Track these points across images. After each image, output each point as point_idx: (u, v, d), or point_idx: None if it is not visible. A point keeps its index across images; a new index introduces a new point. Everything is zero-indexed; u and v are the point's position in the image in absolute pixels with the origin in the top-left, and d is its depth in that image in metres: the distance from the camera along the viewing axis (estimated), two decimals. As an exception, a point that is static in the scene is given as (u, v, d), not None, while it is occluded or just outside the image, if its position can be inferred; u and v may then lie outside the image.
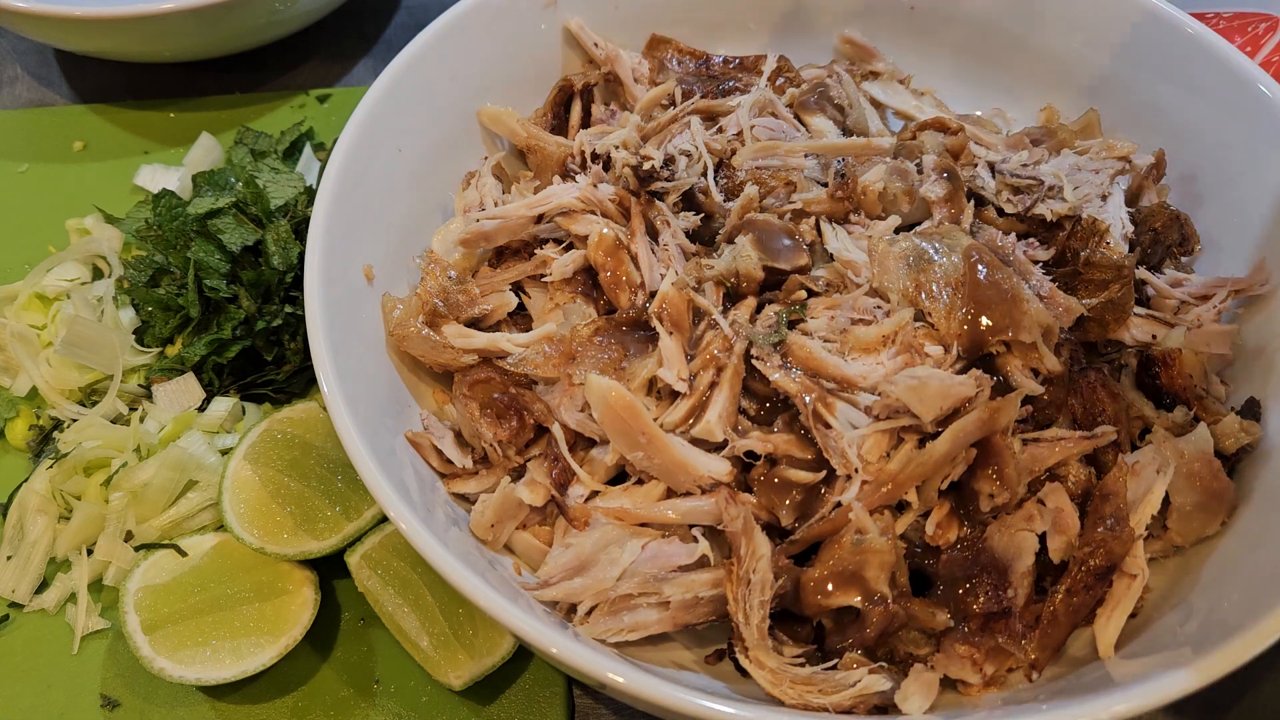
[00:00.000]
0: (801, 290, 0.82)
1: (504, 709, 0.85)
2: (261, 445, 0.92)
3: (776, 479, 0.76)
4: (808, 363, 0.77)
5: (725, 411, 0.77)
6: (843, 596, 0.71)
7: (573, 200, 0.87)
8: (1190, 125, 0.99)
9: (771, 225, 0.85)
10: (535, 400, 0.82)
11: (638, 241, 0.85)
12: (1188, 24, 0.99)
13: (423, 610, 0.86)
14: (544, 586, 0.75)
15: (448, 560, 0.66)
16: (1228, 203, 0.96)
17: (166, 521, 0.92)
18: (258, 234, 1.03)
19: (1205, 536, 0.79)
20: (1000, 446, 0.73)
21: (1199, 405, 0.82)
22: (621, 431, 0.77)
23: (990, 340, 0.77)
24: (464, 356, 0.82)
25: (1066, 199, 0.91)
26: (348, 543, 0.88)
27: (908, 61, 1.14)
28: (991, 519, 0.75)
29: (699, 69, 1.09)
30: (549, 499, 0.80)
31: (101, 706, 0.86)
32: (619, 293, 0.83)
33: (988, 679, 0.73)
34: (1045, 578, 0.76)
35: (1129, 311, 0.86)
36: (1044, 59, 1.09)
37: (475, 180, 0.99)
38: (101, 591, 0.92)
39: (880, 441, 0.74)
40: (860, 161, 0.92)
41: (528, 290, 0.89)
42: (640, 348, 0.82)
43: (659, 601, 0.75)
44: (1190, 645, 0.67)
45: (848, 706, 0.69)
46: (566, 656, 0.64)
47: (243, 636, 0.85)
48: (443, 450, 0.82)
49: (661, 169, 0.88)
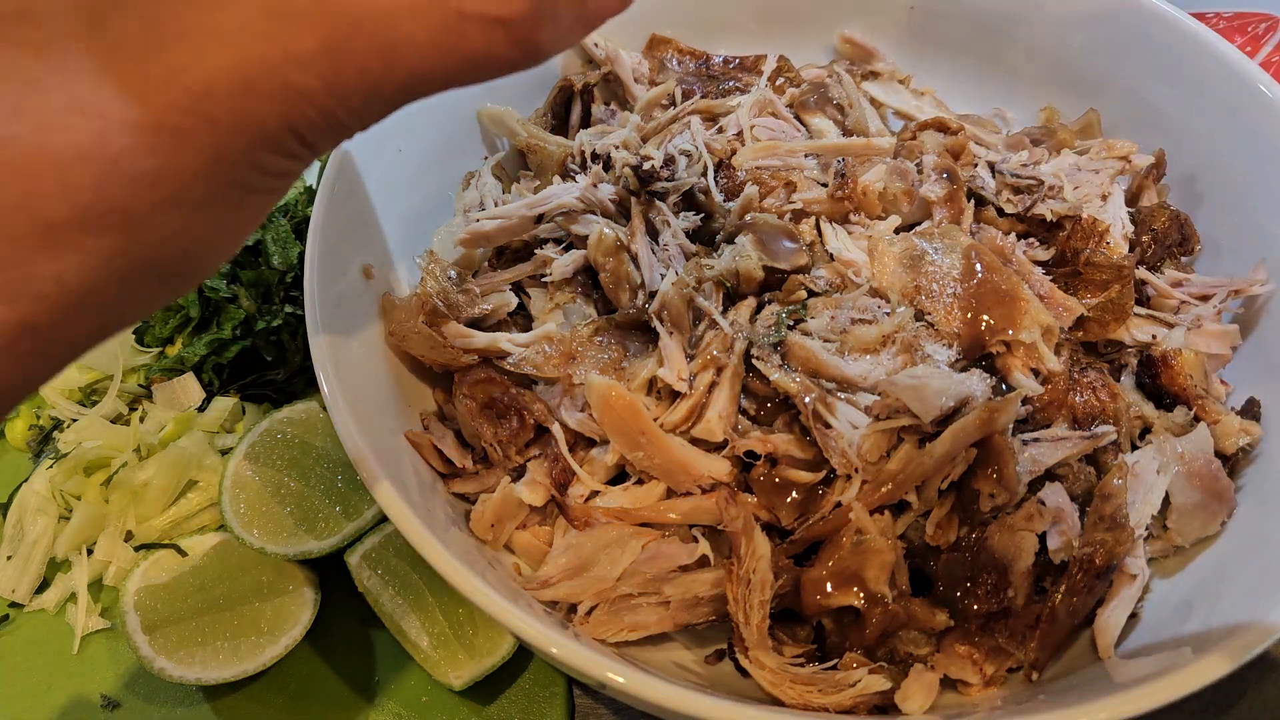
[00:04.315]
0: (801, 290, 0.82)
1: (504, 709, 0.85)
2: (261, 445, 0.92)
3: (776, 479, 0.76)
4: (808, 363, 0.77)
5: (725, 411, 0.77)
6: (843, 596, 0.71)
7: (573, 200, 0.87)
8: (1190, 125, 0.99)
9: (771, 225, 0.85)
10: (535, 400, 0.82)
11: (638, 241, 0.85)
12: (1188, 24, 0.98)
13: (423, 610, 0.86)
14: (544, 586, 0.75)
15: (448, 560, 0.66)
16: (1228, 203, 0.96)
17: (166, 521, 0.92)
18: (257, 233, 1.03)
19: (1205, 536, 0.79)
20: (1000, 446, 0.73)
21: (1199, 405, 0.82)
22: (621, 431, 0.77)
23: (990, 340, 0.77)
24: (464, 356, 0.82)
25: (1066, 199, 0.91)
26: (348, 543, 0.88)
27: (908, 61, 1.14)
28: (991, 519, 0.75)
29: (699, 69, 1.09)
30: (549, 499, 0.80)
31: (101, 706, 0.86)
32: (619, 293, 0.83)
33: (988, 679, 0.73)
34: (1045, 578, 0.76)
35: (1129, 311, 0.86)
36: (1044, 59, 1.09)
37: (475, 180, 0.99)
38: (101, 591, 0.92)
39: (880, 441, 0.74)
40: (860, 161, 0.92)
41: (528, 290, 0.89)
42: (640, 348, 0.82)
43: (659, 601, 0.75)
44: (1190, 645, 0.67)
45: (848, 706, 0.69)
46: (566, 656, 0.64)
47: (243, 636, 0.85)
48: (443, 450, 0.82)
49: (661, 169, 0.88)
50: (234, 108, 0.38)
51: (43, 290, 0.37)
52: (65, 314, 0.38)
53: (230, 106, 0.38)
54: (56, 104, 0.36)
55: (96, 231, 0.37)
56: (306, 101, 0.39)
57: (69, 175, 0.36)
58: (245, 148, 0.39)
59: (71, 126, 0.36)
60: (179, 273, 0.42)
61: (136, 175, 0.37)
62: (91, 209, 0.36)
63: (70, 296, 0.37)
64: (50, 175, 0.36)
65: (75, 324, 0.39)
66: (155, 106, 0.37)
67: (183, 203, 0.38)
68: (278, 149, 0.40)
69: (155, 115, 0.37)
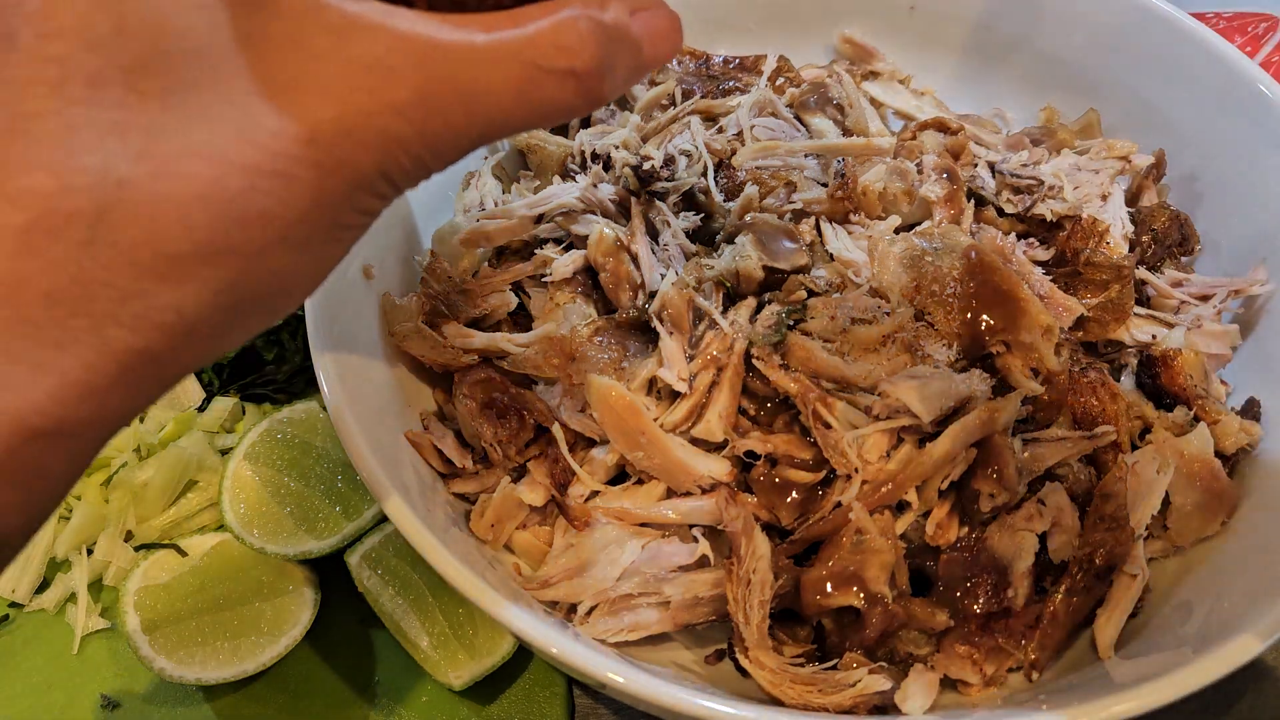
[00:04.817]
0: (801, 290, 0.82)
1: (504, 709, 0.85)
2: (261, 445, 0.92)
3: (776, 479, 0.76)
4: (808, 363, 0.77)
5: (725, 411, 0.77)
6: (842, 596, 0.71)
7: (573, 200, 0.87)
8: (1190, 125, 0.99)
9: (771, 225, 0.85)
10: (535, 400, 0.82)
11: (638, 241, 0.85)
12: (1188, 24, 0.99)
13: (423, 610, 0.86)
14: (544, 586, 0.76)
15: (448, 560, 0.66)
16: (1228, 203, 0.96)
17: (166, 521, 0.92)
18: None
19: (1205, 536, 0.79)
20: (1000, 446, 0.73)
21: (1199, 405, 0.82)
22: (621, 431, 0.77)
23: (990, 340, 0.77)
24: (464, 356, 0.82)
25: (1066, 199, 0.91)
26: (348, 543, 0.88)
27: (908, 61, 1.14)
28: (991, 519, 0.75)
29: (699, 69, 1.09)
30: (549, 499, 0.80)
31: (101, 706, 0.86)
32: (619, 293, 0.83)
33: (988, 679, 0.73)
34: (1045, 578, 0.76)
35: (1129, 311, 0.86)
36: (1044, 59, 1.09)
37: (475, 180, 0.99)
38: (101, 591, 0.92)
39: (880, 441, 0.74)
40: (860, 161, 0.92)
41: (528, 290, 0.89)
42: (640, 348, 0.82)
43: (659, 601, 0.75)
44: (1190, 645, 0.67)
45: (848, 706, 0.69)
46: (566, 656, 0.64)
47: (243, 636, 0.85)
48: (443, 450, 0.82)
49: (662, 169, 0.88)
50: (335, 154, 0.42)
51: (163, 320, 0.40)
52: (180, 342, 0.41)
53: (332, 153, 0.42)
54: (177, 149, 0.40)
55: (211, 266, 0.41)
56: (400, 147, 0.43)
57: (189, 214, 0.39)
58: (344, 191, 0.43)
59: (191, 171, 0.40)
60: (278, 303, 0.46)
61: (248, 216, 0.41)
62: (208, 245, 0.40)
63: (186, 325, 0.41)
64: (172, 214, 0.39)
65: (186, 351, 0.42)
66: (266, 153, 0.41)
67: (287, 240, 0.42)
68: (371, 190, 0.44)
69: (266, 161, 0.41)
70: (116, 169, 0.39)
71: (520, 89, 0.44)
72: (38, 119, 0.38)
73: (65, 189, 0.38)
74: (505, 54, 0.43)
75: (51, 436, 0.39)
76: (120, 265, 0.39)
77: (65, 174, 0.38)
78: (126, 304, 0.39)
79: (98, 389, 0.40)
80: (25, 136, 0.38)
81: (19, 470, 0.39)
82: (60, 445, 0.40)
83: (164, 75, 0.40)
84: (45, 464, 0.40)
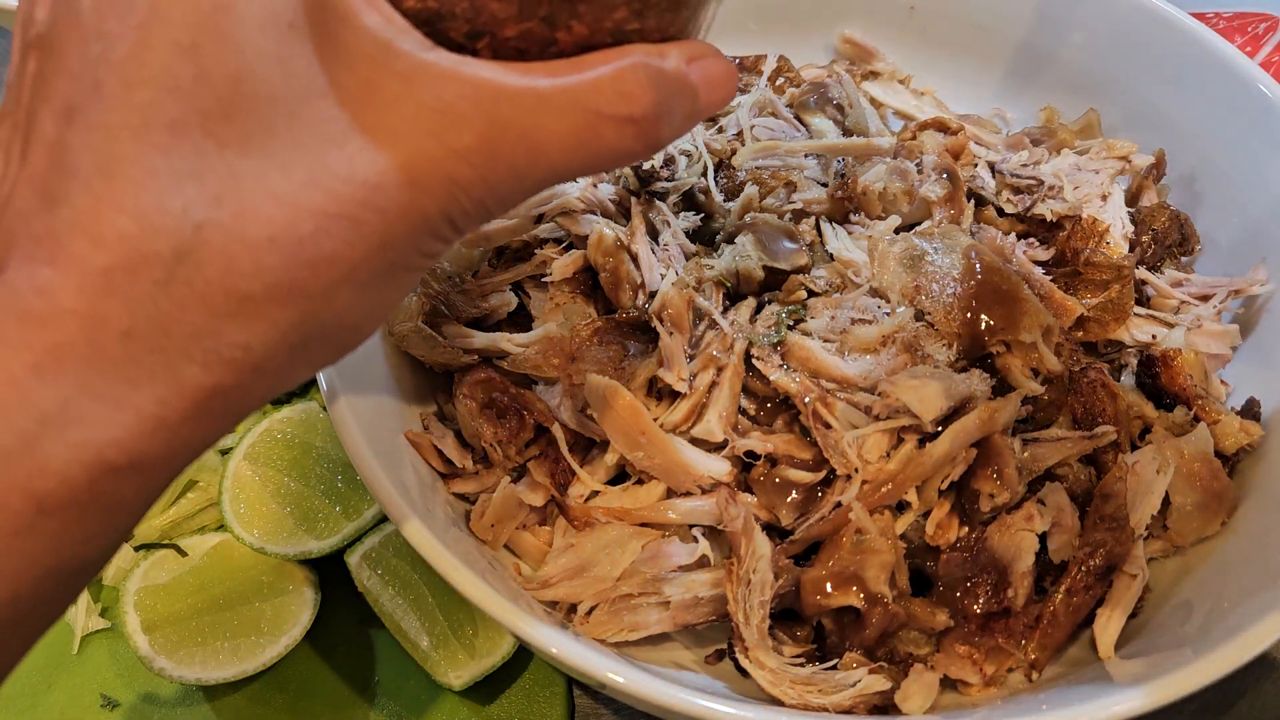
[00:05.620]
0: (801, 290, 0.82)
1: (504, 709, 0.85)
2: (261, 445, 0.92)
3: (776, 479, 0.76)
4: (808, 363, 0.77)
5: (725, 411, 0.77)
6: (842, 596, 0.71)
7: (573, 200, 0.87)
8: (1190, 125, 0.99)
9: (771, 225, 0.85)
10: (535, 400, 0.82)
11: (638, 241, 0.85)
12: (1188, 24, 0.98)
13: (423, 610, 0.86)
14: (544, 586, 0.76)
15: (448, 560, 0.66)
16: (1228, 203, 0.96)
17: (166, 521, 0.92)
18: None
19: (1205, 536, 0.79)
20: (1000, 446, 0.73)
21: (1199, 405, 0.82)
22: (621, 431, 0.77)
23: (990, 340, 0.77)
24: (464, 356, 0.82)
25: (1066, 199, 0.91)
26: (348, 543, 0.88)
27: (908, 61, 1.14)
28: (991, 519, 0.75)
29: (699, 69, 1.09)
30: (549, 499, 0.80)
31: (101, 706, 0.86)
32: (619, 293, 0.83)
33: (988, 679, 0.73)
34: (1045, 578, 0.76)
35: (1129, 311, 0.86)
36: (1044, 59, 1.09)
37: (475, 180, 0.99)
38: (101, 591, 0.92)
39: (880, 441, 0.74)
40: (860, 161, 0.92)
41: (528, 290, 0.89)
42: (640, 348, 0.82)
43: (659, 601, 0.75)
44: (1190, 645, 0.67)
45: (848, 706, 0.69)
46: (566, 656, 0.64)
47: (243, 636, 0.85)
48: (443, 450, 0.82)
49: (661, 169, 0.88)
50: (401, 199, 0.43)
51: (233, 356, 0.42)
52: (248, 378, 0.43)
53: (398, 198, 0.43)
54: (251, 193, 0.41)
55: (280, 305, 0.42)
56: (464, 192, 0.44)
57: (260, 257, 0.41)
58: (409, 234, 0.44)
59: (264, 215, 0.41)
60: (341, 341, 0.48)
61: (317, 258, 0.42)
62: (278, 286, 0.42)
63: (254, 362, 0.43)
64: (245, 256, 0.41)
65: (254, 387, 0.44)
66: (336, 198, 0.42)
67: (353, 281, 0.44)
68: (434, 234, 0.46)
69: (335, 206, 0.42)
70: (194, 212, 0.40)
71: (581, 135, 0.44)
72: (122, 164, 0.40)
73: (147, 232, 0.39)
74: (568, 100, 0.44)
75: (127, 470, 0.41)
76: (194, 305, 0.40)
77: (147, 217, 0.40)
78: (199, 342, 0.41)
79: (170, 424, 0.41)
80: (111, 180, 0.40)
81: (99, 502, 0.41)
82: (135, 478, 0.41)
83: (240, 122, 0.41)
84: (122, 496, 0.41)
